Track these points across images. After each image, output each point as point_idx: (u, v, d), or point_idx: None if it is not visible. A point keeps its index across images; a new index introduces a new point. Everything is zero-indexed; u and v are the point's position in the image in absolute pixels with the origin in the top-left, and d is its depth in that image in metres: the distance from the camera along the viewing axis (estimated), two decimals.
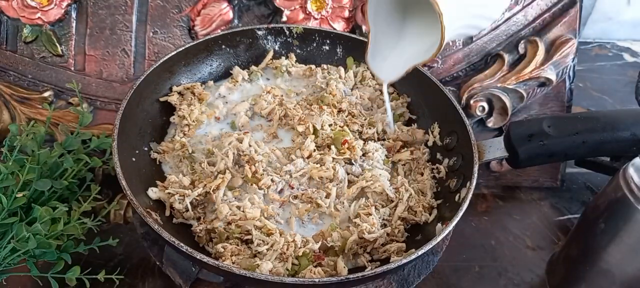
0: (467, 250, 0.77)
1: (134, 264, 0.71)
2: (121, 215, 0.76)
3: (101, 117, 0.81)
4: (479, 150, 0.69)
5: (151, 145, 0.70)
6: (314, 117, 0.73)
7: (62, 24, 0.81)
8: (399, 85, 0.82)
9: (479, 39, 0.87)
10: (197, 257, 0.53)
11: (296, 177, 0.67)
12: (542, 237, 0.81)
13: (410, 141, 0.76)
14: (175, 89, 0.76)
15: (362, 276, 0.54)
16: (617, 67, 1.21)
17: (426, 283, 0.69)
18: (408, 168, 0.73)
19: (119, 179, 0.58)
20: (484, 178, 0.88)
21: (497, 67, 0.86)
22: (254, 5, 0.85)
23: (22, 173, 0.64)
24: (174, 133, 0.73)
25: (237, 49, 0.81)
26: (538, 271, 0.75)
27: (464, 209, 0.60)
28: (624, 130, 0.70)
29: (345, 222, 0.65)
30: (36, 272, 0.63)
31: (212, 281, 0.63)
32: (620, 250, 0.61)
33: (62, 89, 0.81)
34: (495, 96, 0.85)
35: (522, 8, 0.87)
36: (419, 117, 0.79)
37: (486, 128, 0.87)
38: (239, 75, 0.79)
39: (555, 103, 0.88)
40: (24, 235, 0.60)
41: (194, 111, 0.72)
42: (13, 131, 0.73)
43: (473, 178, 0.63)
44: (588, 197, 0.88)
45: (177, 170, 0.68)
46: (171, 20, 0.83)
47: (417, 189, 0.70)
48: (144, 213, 0.55)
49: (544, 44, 0.86)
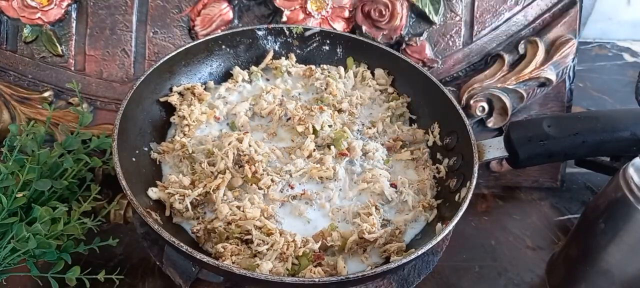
0: (467, 250, 0.77)
1: (134, 264, 0.71)
2: (121, 215, 0.76)
3: (101, 117, 0.81)
4: (479, 150, 0.69)
5: (151, 145, 0.70)
6: (313, 117, 0.73)
7: (62, 24, 0.81)
8: (399, 85, 0.82)
9: (479, 39, 0.87)
10: (197, 257, 0.53)
11: (296, 177, 0.67)
12: (542, 237, 0.81)
13: (410, 141, 0.76)
14: (175, 89, 0.76)
15: (362, 276, 0.54)
16: (617, 67, 1.21)
17: (426, 283, 0.69)
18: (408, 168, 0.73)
19: (119, 179, 0.58)
20: (484, 178, 0.88)
21: (497, 68, 0.86)
22: (254, 5, 0.85)
23: (22, 173, 0.64)
24: (174, 133, 0.73)
25: (237, 49, 0.81)
26: (538, 271, 0.75)
27: (464, 209, 0.60)
28: (624, 130, 0.70)
29: (345, 222, 0.65)
30: (36, 272, 0.63)
31: (212, 281, 0.63)
32: (620, 250, 0.61)
33: (62, 89, 0.81)
34: (495, 96, 0.85)
35: (522, 8, 0.87)
36: (419, 117, 0.79)
37: (486, 128, 0.87)
38: (239, 76, 0.79)
39: (555, 103, 0.88)
40: (24, 235, 0.60)
41: (194, 111, 0.72)
42: (13, 131, 0.73)
43: (473, 178, 0.63)
44: (588, 197, 0.88)
45: (177, 170, 0.68)
46: (171, 21, 0.83)
47: (417, 189, 0.70)
48: (144, 213, 0.55)
49: (544, 44, 0.86)
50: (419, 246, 0.57)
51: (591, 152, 0.73)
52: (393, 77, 0.83)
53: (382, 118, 0.77)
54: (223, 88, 0.78)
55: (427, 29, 0.86)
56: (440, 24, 0.86)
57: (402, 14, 0.84)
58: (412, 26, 0.86)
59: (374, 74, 0.83)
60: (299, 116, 0.73)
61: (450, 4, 0.85)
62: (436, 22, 0.86)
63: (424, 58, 0.86)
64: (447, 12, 0.86)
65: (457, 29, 0.86)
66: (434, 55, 0.86)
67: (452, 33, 0.86)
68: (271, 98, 0.77)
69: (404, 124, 0.79)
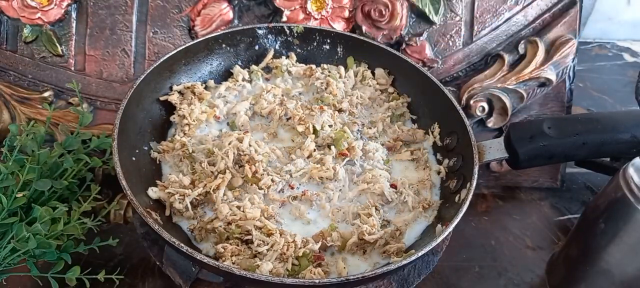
0: (467, 250, 0.77)
1: (134, 264, 0.71)
2: (121, 215, 0.75)
3: (101, 117, 0.81)
4: (479, 151, 0.69)
5: (151, 145, 0.70)
6: (314, 117, 0.73)
7: (62, 24, 0.81)
8: (399, 85, 0.82)
9: (479, 39, 0.87)
10: (197, 257, 0.53)
11: (296, 177, 0.67)
12: (542, 237, 0.81)
13: (411, 141, 0.76)
14: (175, 88, 0.76)
15: (362, 276, 0.54)
16: (617, 67, 1.21)
17: (426, 283, 0.69)
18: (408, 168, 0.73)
19: (119, 179, 0.58)
20: (484, 178, 0.88)
21: (497, 68, 0.86)
22: (254, 5, 0.85)
23: (22, 173, 0.64)
24: (174, 132, 0.73)
25: (238, 48, 0.81)
26: (538, 271, 0.75)
27: (464, 210, 0.60)
28: (624, 131, 0.70)
29: (345, 223, 0.65)
30: (36, 272, 0.63)
31: (212, 281, 0.63)
32: (621, 250, 0.61)
33: (62, 89, 0.81)
34: (495, 96, 0.85)
35: (522, 8, 0.87)
36: (419, 118, 0.79)
37: (486, 128, 0.87)
38: (240, 75, 0.79)
39: (555, 103, 0.88)
40: (24, 235, 0.60)
41: (194, 111, 0.72)
42: (13, 131, 0.73)
43: (473, 179, 0.63)
44: (588, 197, 0.88)
45: (177, 169, 0.68)
46: (171, 21, 0.83)
47: (417, 190, 0.70)
48: (144, 213, 0.55)
49: (544, 45, 0.86)
50: (419, 247, 0.57)
51: (591, 153, 0.73)
52: (393, 76, 0.83)
53: (382, 118, 0.77)
54: (223, 87, 0.78)
55: (427, 29, 0.86)
56: (440, 24, 0.86)
57: (402, 14, 0.84)
58: (412, 26, 0.86)
59: (375, 73, 0.83)
60: (299, 116, 0.73)
61: (450, 4, 0.85)
62: (436, 22, 0.85)
63: (424, 58, 0.86)
64: (447, 12, 0.86)
65: (457, 29, 0.86)
66: (434, 55, 0.86)
67: (452, 33, 0.86)
68: (271, 97, 0.77)
69: (404, 124, 0.79)
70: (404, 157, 0.73)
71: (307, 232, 0.63)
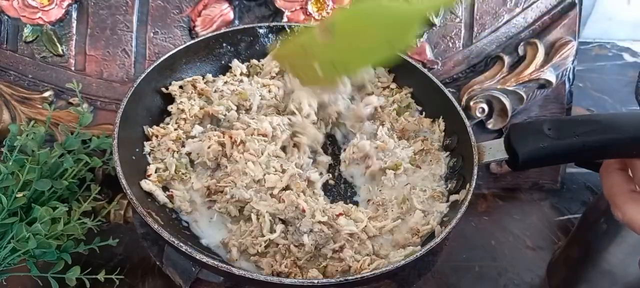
0: (467, 250, 0.77)
1: (134, 264, 0.71)
2: (121, 215, 0.75)
3: (101, 117, 0.81)
4: (479, 151, 0.69)
5: (144, 128, 0.69)
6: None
7: (62, 24, 0.81)
8: (399, 85, 0.82)
9: (478, 41, 0.87)
10: (197, 257, 0.53)
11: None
12: (542, 237, 0.81)
13: (418, 130, 0.75)
14: (175, 83, 0.75)
15: (361, 277, 0.54)
16: (617, 67, 1.21)
17: (426, 283, 0.69)
18: (421, 160, 0.72)
19: (119, 178, 0.58)
20: (484, 179, 0.88)
21: (497, 69, 0.86)
22: (255, 6, 0.85)
23: (22, 173, 0.63)
24: (169, 122, 0.72)
25: (238, 47, 0.81)
26: (538, 271, 0.75)
27: (464, 211, 0.60)
28: (625, 133, 0.70)
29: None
30: (36, 272, 0.63)
31: (212, 281, 0.63)
32: (622, 251, 0.61)
33: (63, 89, 0.81)
34: (495, 98, 0.85)
35: (522, 10, 0.87)
36: (425, 108, 0.78)
37: (486, 129, 0.87)
38: (238, 69, 0.79)
39: (555, 105, 0.89)
40: (24, 235, 0.60)
41: (194, 106, 0.71)
42: (13, 131, 0.73)
43: (473, 180, 0.63)
44: (588, 197, 0.88)
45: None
46: (172, 21, 0.83)
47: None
48: (144, 213, 0.55)
49: (544, 46, 0.86)
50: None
51: (592, 155, 0.72)
52: (394, 74, 0.82)
53: (388, 112, 0.76)
54: (220, 81, 0.77)
55: (427, 31, 0.86)
56: (440, 25, 0.86)
57: None
58: None
59: (375, 73, 0.83)
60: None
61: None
62: (436, 23, 0.86)
63: (424, 59, 0.86)
64: (447, 13, 0.86)
65: (457, 31, 0.87)
66: (434, 56, 0.86)
67: (452, 35, 0.87)
68: (267, 93, 0.76)
69: (411, 115, 0.78)
70: (417, 147, 0.72)
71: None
